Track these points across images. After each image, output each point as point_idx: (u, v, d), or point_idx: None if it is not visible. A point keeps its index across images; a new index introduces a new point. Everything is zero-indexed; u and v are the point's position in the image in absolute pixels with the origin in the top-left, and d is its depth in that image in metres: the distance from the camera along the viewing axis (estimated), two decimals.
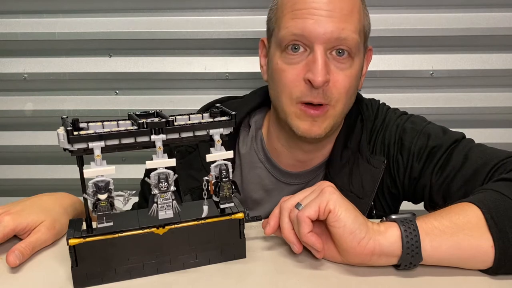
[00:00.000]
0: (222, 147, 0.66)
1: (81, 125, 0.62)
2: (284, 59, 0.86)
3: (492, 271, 0.65)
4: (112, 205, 0.61)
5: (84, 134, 0.59)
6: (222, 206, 0.68)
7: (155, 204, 0.64)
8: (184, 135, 0.64)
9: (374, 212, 0.92)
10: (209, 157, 0.65)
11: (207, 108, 1.00)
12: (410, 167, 0.88)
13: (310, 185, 0.95)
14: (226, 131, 0.66)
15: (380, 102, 0.99)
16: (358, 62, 0.87)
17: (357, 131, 0.94)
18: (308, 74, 0.82)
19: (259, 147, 0.99)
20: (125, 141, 0.61)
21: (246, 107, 1.00)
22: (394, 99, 1.29)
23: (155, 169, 0.63)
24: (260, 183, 0.98)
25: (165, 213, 0.65)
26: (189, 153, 0.96)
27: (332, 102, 0.85)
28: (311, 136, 0.87)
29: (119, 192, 0.62)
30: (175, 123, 0.63)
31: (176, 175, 0.64)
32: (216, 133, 0.65)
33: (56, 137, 0.59)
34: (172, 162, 0.63)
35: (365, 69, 0.95)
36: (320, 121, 0.86)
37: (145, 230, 0.64)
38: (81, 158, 0.61)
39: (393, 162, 0.91)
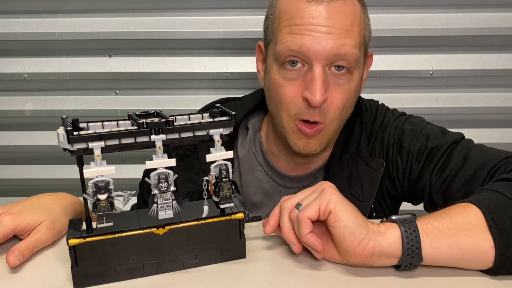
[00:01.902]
0: (222, 147, 0.66)
1: (81, 125, 0.62)
2: (282, 74, 0.85)
3: (492, 272, 0.65)
4: (112, 205, 0.61)
5: (84, 134, 0.59)
6: (222, 206, 0.68)
7: (155, 204, 0.64)
8: (184, 135, 0.64)
9: (374, 214, 0.92)
10: (209, 157, 0.65)
11: (206, 109, 1.00)
12: (409, 168, 0.88)
13: None
14: (226, 131, 0.66)
15: (379, 103, 0.99)
16: (357, 75, 0.85)
17: (356, 133, 0.93)
18: (306, 93, 0.81)
19: (258, 150, 0.99)
20: (125, 141, 0.61)
21: (243, 110, 0.99)
22: (394, 99, 1.29)
23: (155, 169, 0.63)
24: (259, 186, 0.98)
25: (165, 213, 0.65)
26: (187, 156, 0.96)
27: (327, 121, 0.85)
28: (307, 153, 0.87)
29: (119, 192, 0.62)
30: (175, 123, 0.63)
31: (176, 175, 0.64)
32: (216, 133, 0.65)
33: (56, 137, 0.59)
34: (172, 162, 0.63)
35: (365, 74, 0.94)
36: (315, 139, 0.86)
37: (145, 230, 0.64)
38: (81, 158, 0.61)
39: (392, 163, 0.90)
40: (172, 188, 0.64)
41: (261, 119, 1.01)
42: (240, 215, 0.69)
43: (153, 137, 0.61)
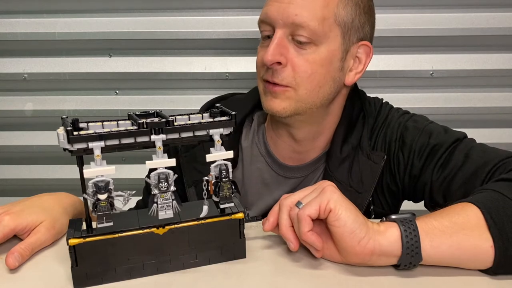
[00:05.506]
0: (222, 147, 0.66)
1: (81, 125, 0.62)
2: (260, 46, 0.91)
3: (492, 271, 0.65)
4: (112, 205, 0.61)
5: (84, 134, 0.59)
6: (222, 206, 0.68)
7: (155, 204, 0.64)
8: (184, 135, 0.64)
9: (372, 208, 0.92)
10: (209, 157, 0.65)
11: (211, 104, 1.01)
12: (410, 164, 0.89)
13: (309, 179, 0.96)
14: (226, 131, 0.66)
15: (384, 101, 0.99)
16: (325, 50, 0.86)
17: (359, 127, 0.94)
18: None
19: (261, 140, 1.00)
20: (125, 141, 0.61)
21: (250, 103, 1.01)
22: (394, 99, 1.28)
23: (155, 169, 0.63)
24: (260, 177, 0.99)
25: (165, 213, 0.65)
26: (192, 147, 0.98)
27: (293, 85, 0.86)
28: (272, 113, 0.89)
29: (119, 192, 0.62)
30: (175, 123, 0.63)
31: (176, 175, 0.64)
32: (216, 133, 0.65)
33: (56, 137, 0.59)
34: (172, 162, 0.63)
35: (361, 66, 0.93)
36: (280, 98, 0.87)
37: (145, 230, 0.64)
38: (81, 158, 0.61)
39: (394, 159, 0.91)
40: (172, 188, 0.64)
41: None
42: (240, 215, 0.69)
43: (153, 137, 0.61)
